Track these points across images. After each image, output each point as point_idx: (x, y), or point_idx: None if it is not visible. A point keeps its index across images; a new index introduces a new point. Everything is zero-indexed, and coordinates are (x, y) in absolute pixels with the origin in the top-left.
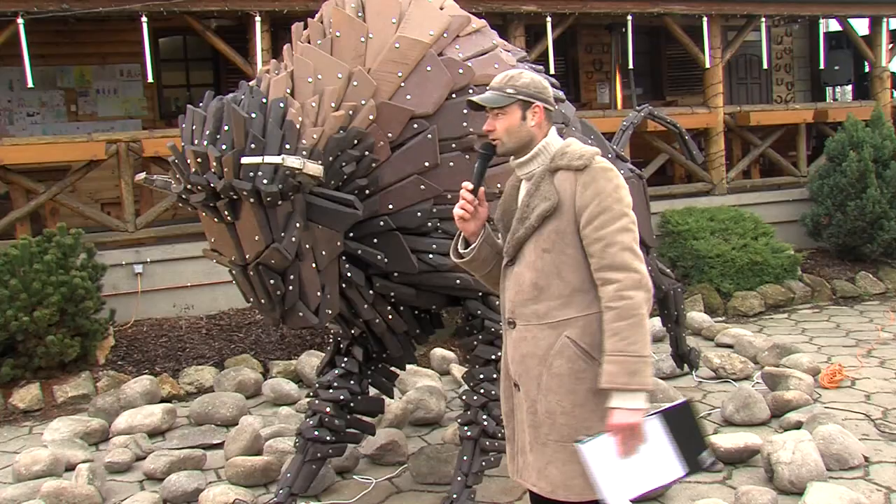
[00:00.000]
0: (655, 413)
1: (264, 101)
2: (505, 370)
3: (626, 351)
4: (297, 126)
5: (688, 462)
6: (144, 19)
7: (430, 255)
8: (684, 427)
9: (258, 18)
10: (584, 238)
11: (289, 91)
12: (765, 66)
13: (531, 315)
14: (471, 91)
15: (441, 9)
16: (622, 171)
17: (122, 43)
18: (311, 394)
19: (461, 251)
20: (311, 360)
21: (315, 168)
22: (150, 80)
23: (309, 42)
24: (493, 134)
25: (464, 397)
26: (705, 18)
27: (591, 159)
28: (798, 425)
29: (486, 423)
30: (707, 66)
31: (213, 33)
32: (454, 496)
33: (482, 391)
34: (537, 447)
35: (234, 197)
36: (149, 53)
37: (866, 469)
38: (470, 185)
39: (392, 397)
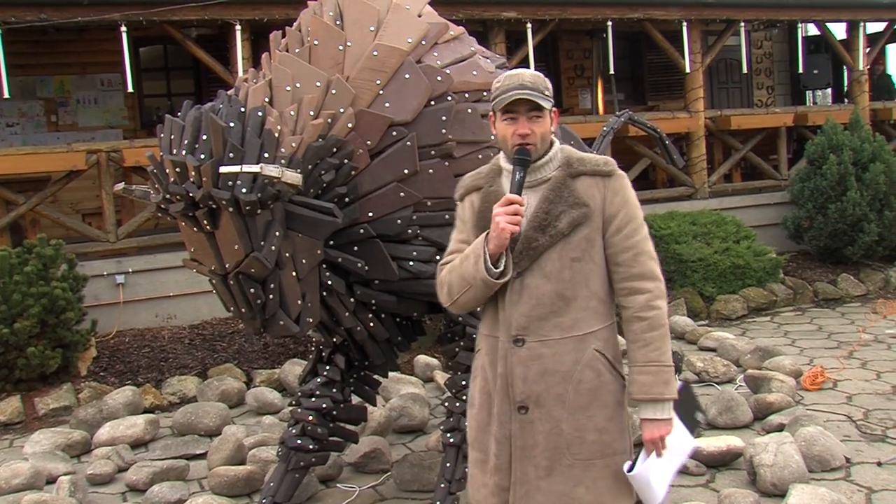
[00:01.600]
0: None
1: (242, 109)
2: (503, 392)
3: (659, 361)
4: (276, 135)
5: (691, 430)
6: (124, 29)
7: (411, 263)
8: (686, 403)
9: (238, 27)
10: (611, 246)
11: (267, 100)
12: (745, 70)
13: (552, 329)
14: (449, 98)
15: (419, 16)
16: None
17: (102, 52)
18: (294, 402)
19: (494, 269)
20: (294, 369)
21: (294, 176)
22: (131, 89)
23: (287, 50)
24: (530, 138)
25: (446, 404)
26: (685, 24)
27: (615, 166)
28: (780, 427)
29: (468, 429)
30: (687, 70)
31: (194, 42)
32: (437, 503)
33: (464, 398)
34: (560, 470)
35: (213, 206)
36: (129, 63)
37: (848, 470)
38: (518, 197)
39: (375, 405)
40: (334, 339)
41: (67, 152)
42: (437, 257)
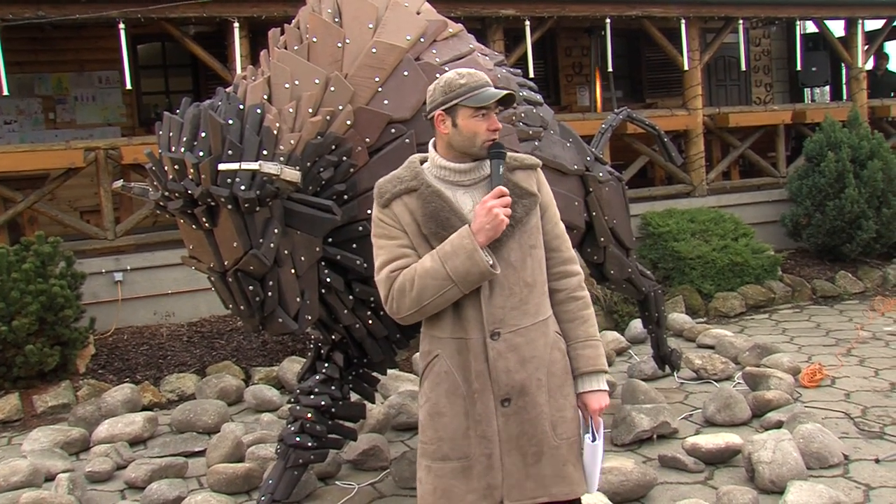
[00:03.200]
0: None
1: (241, 107)
2: (483, 388)
3: (596, 336)
4: (275, 132)
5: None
6: (122, 26)
7: None
8: None
9: (236, 24)
10: (546, 233)
11: (266, 97)
12: (743, 67)
13: (522, 317)
14: None
15: (418, 13)
16: (601, 174)
17: (100, 50)
18: (293, 400)
19: (491, 262)
20: (292, 367)
21: (292, 174)
22: (129, 86)
23: (286, 48)
24: (496, 134)
25: None
26: (683, 21)
27: (537, 161)
28: (779, 425)
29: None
30: (686, 68)
31: (192, 39)
32: None
33: None
34: (549, 453)
35: (212, 203)
36: (127, 60)
37: (846, 467)
38: (506, 189)
39: (374, 402)
40: (333, 337)
41: (65, 150)
42: None
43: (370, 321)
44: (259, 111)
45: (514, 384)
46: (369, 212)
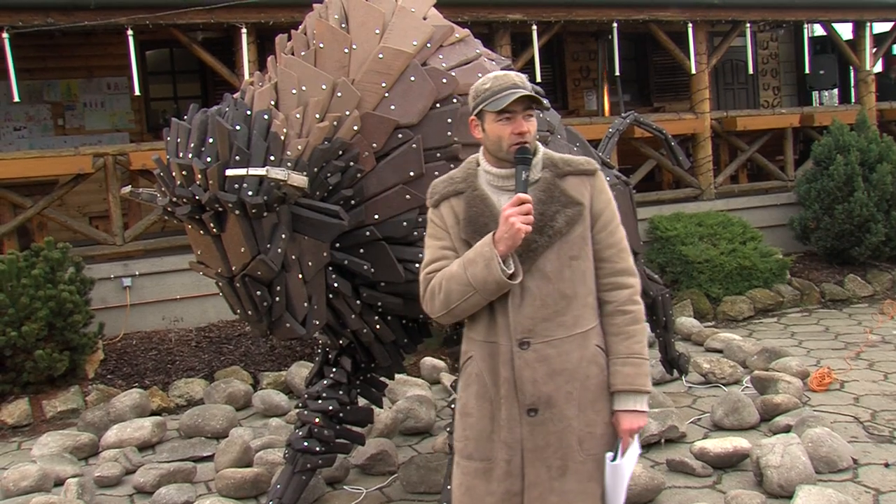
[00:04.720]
0: None
1: (248, 113)
2: (510, 396)
3: (641, 354)
4: (282, 137)
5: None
6: (130, 32)
7: (417, 265)
8: None
9: (244, 30)
10: (597, 242)
11: (273, 103)
12: (751, 71)
13: (556, 328)
14: (454, 101)
15: (424, 19)
16: (608, 178)
17: (109, 56)
18: (301, 405)
19: (508, 271)
20: (300, 371)
21: (299, 179)
22: (137, 92)
23: (293, 53)
24: (527, 136)
25: (452, 406)
26: (690, 25)
27: (596, 165)
28: (787, 429)
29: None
30: (693, 71)
31: (200, 45)
32: None
33: None
34: (574, 468)
35: (220, 209)
36: (135, 66)
37: (855, 471)
38: (528, 196)
39: (381, 407)
40: (340, 342)
41: (74, 156)
42: None
43: (378, 326)
44: (266, 117)
45: (540, 395)
46: (376, 216)
